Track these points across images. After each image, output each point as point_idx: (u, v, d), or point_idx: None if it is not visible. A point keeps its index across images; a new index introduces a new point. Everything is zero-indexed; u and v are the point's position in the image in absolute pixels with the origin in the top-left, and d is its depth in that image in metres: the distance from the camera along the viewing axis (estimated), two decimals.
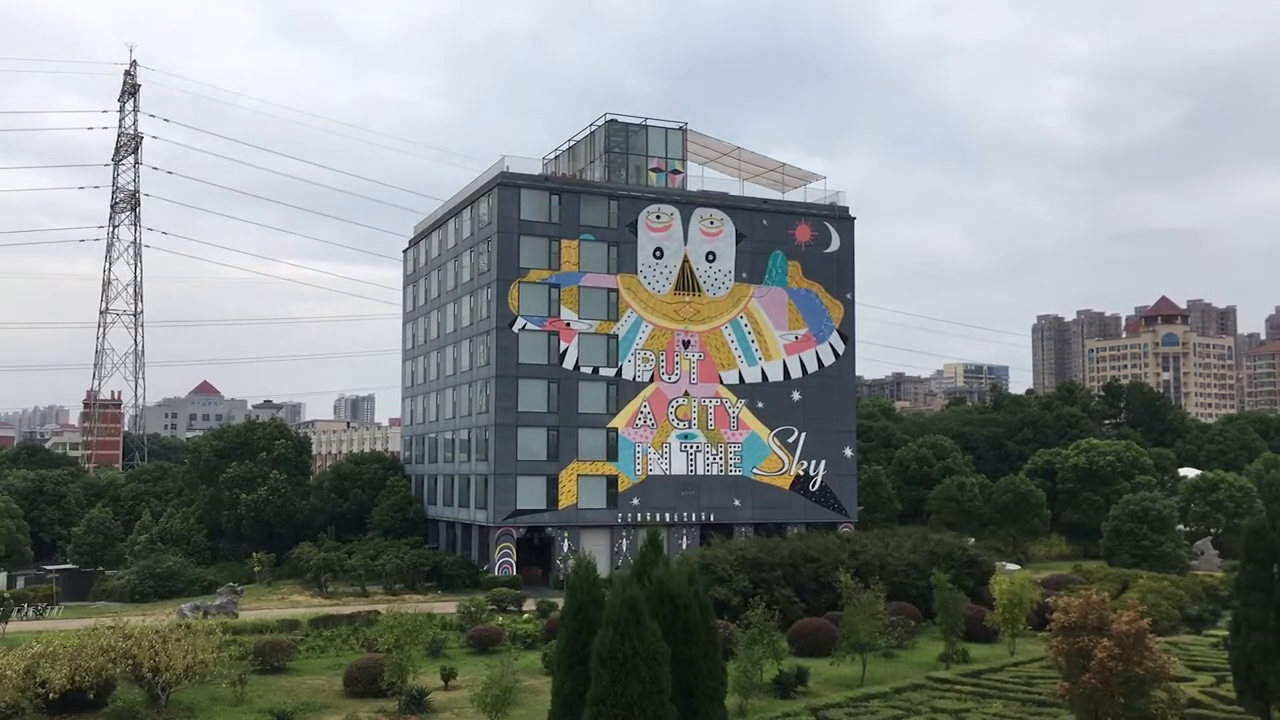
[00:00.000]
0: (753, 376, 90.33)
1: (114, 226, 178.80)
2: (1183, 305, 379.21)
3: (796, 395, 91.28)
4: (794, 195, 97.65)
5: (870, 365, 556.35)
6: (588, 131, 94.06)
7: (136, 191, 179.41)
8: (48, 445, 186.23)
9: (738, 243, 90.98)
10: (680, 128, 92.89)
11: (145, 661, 40.14)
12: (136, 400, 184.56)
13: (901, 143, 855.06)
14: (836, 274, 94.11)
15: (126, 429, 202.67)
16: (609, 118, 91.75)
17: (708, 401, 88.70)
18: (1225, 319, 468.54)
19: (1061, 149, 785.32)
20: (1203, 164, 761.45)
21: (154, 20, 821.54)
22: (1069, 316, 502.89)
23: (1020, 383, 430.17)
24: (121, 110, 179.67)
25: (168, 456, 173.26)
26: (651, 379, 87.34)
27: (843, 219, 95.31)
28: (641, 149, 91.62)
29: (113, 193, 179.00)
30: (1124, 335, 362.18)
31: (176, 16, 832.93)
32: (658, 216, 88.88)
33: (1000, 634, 51.18)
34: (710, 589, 48.39)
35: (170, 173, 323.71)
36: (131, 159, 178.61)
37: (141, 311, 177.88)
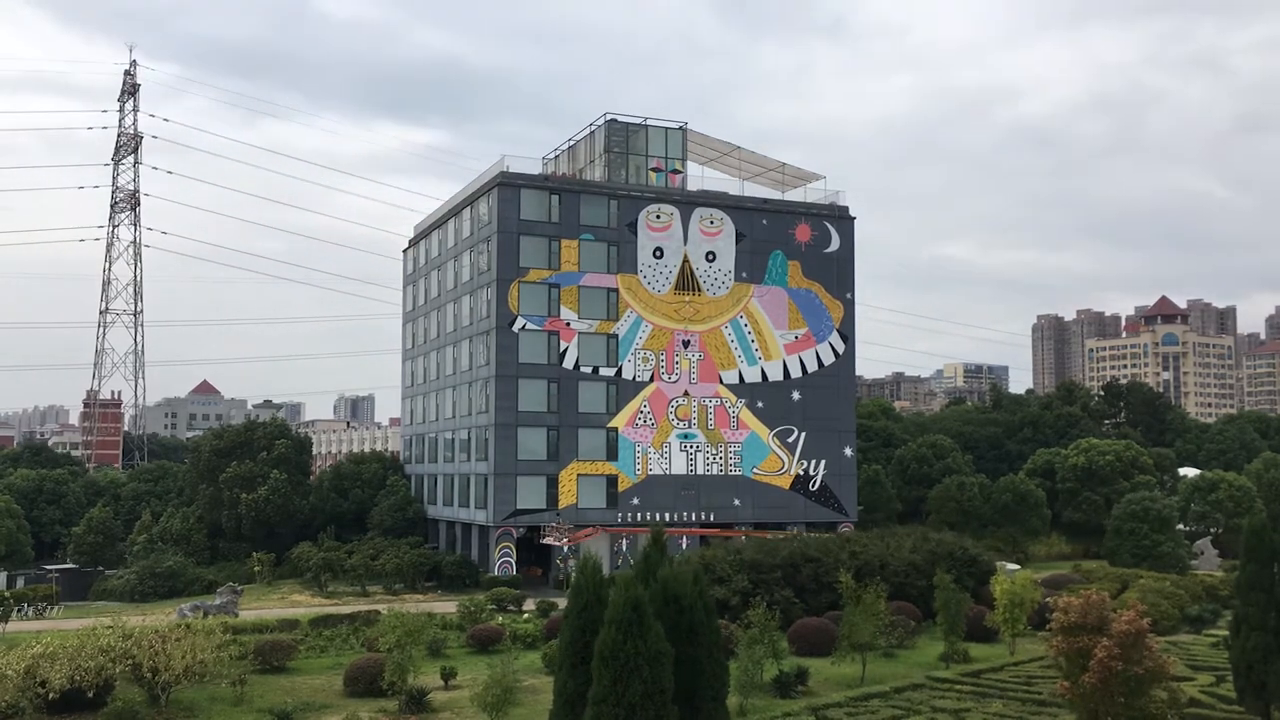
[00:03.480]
0: (753, 376, 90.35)
1: (114, 226, 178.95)
2: (1182, 305, 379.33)
3: (796, 395, 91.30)
4: (794, 195, 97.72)
5: (870, 365, 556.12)
6: (588, 131, 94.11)
7: (136, 191, 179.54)
8: (49, 444, 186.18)
9: (738, 242, 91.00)
10: (680, 127, 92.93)
11: (145, 661, 40.11)
12: (136, 400, 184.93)
13: None
14: (836, 274, 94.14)
15: (126, 429, 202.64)
16: (609, 117, 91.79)
17: (708, 401, 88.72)
18: (1225, 319, 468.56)
19: None
20: None
21: None
22: (1069, 316, 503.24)
23: (1020, 382, 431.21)
24: (121, 110, 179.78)
25: (168, 456, 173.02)
26: (651, 379, 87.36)
27: (843, 219, 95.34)
28: (641, 149, 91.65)
29: (113, 192, 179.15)
30: (1124, 335, 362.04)
31: None
32: (658, 216, 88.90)
33: (1000, 634, 51.16)
34: (711, 589, 48.38)
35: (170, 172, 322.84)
36: (131, 159, 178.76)
37: (141, 311, 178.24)
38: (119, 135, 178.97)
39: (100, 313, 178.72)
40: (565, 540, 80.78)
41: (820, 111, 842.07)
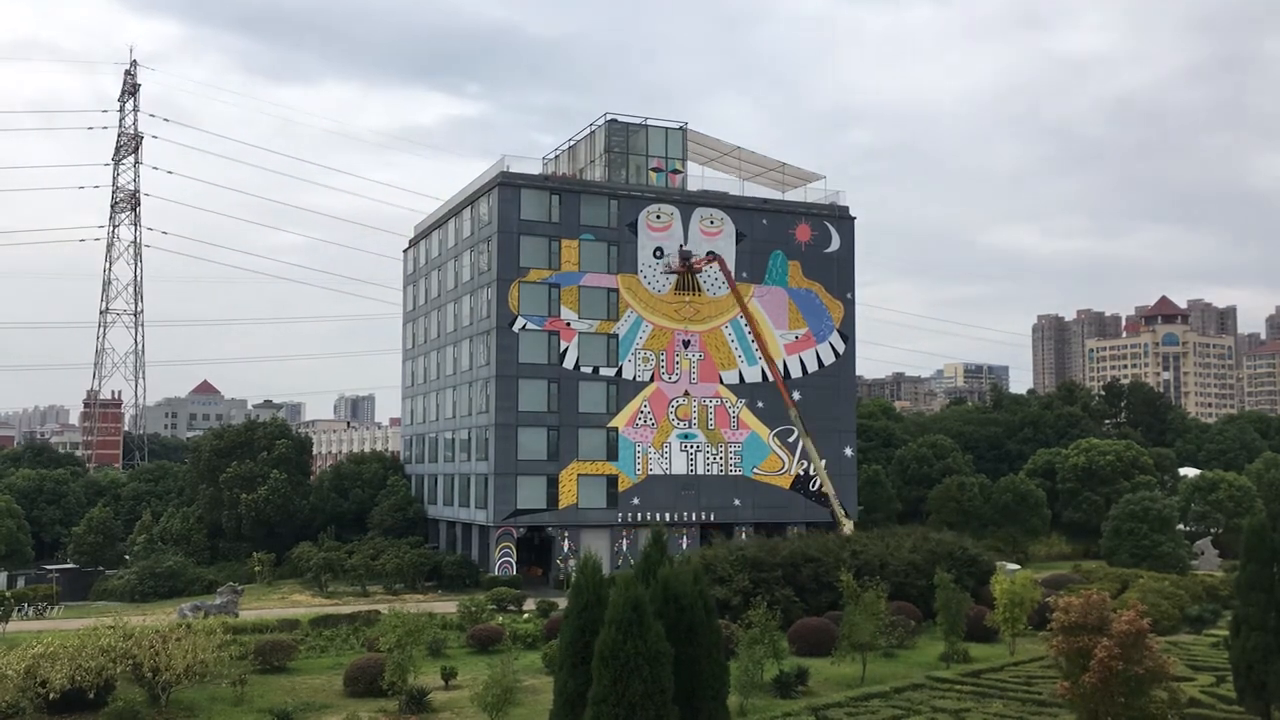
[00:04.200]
0: (753, 376, 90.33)
1: (114, 226, 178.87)
2: (1183, 305, 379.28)
3: (797, 395, 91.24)
4: (794, 195, 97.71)
5: (871, 365, 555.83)
6: (588, 131, 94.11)
7: (137, 191, 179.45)
8: (50, 444, 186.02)
9: (738, 242, 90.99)
10: (680, 127, 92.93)
11: (145, 661, 40.13)
12: (137, 400, 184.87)
13: None
14: (836, 274, 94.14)
15: (127, 429, 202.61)
16: (609, 117, 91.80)
17: (708, 401, 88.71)
18: (1225, 319, 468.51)
19: None
20: None
21: None
22: (1069, 316, 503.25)
23: (1020, 382, 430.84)
24: (121, 110, 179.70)
25: (168, 456, 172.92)
26: (651, 379, 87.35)
27: (843, 219, 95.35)
28: (641, 149, 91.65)
29: (113, 192, 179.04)
30: (1124, 335, 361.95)
31: None
32: (658, 216, 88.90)
33: (1001, 634, 51.18)
34: (711, 589, 48.40)
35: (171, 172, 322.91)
36: (132, 159, 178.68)
37: (141, 311, 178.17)
38: (119, 135, 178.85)
39: (100, 313, 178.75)
40: (692, 263, 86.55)
41: (909, 82, 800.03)
